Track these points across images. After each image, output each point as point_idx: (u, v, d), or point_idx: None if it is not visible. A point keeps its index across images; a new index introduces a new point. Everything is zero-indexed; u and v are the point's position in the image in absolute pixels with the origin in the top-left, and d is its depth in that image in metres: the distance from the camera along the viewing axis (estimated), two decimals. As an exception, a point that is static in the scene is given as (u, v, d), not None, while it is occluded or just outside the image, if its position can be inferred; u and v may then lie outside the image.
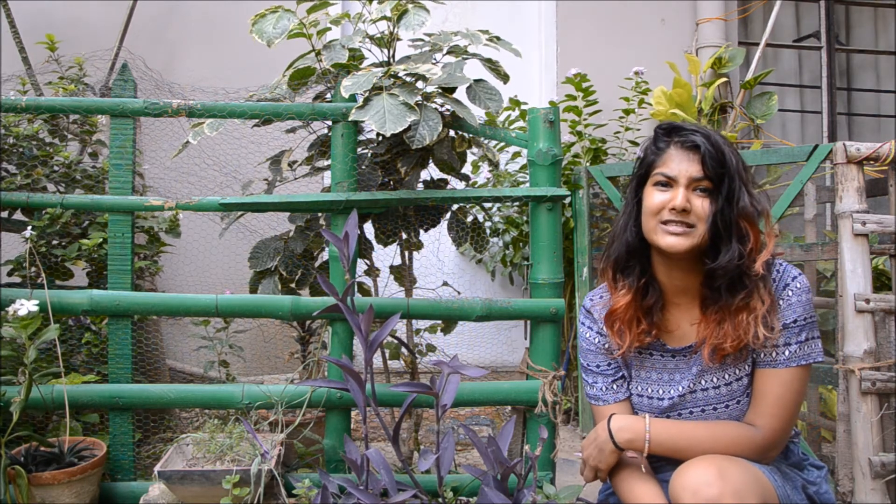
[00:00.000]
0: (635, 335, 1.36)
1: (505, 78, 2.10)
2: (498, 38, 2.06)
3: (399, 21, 1.92)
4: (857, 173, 2.12)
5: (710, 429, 1.30)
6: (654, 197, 1.31)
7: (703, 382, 1.35)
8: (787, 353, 1.30)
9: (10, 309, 1.68)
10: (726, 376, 1.34)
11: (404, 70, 1.86)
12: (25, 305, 1.68)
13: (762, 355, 1.31)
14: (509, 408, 2.09)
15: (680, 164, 1.29)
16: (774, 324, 1.28)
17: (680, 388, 1.37)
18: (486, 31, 2.03)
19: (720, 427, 1.30)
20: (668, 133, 1.33)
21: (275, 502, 1.75)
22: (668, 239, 1.28)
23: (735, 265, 1.26)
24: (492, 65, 2.09)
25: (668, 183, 1.30)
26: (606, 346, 1.44)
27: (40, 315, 1.76)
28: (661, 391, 1.39)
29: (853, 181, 2.11)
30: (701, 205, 1.27)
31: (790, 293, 1.31)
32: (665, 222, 1.29)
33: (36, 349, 1.71)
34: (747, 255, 1.27)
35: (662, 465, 1.38)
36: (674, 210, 1.27)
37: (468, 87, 2.01)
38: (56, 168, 2.41)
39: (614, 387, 1.43)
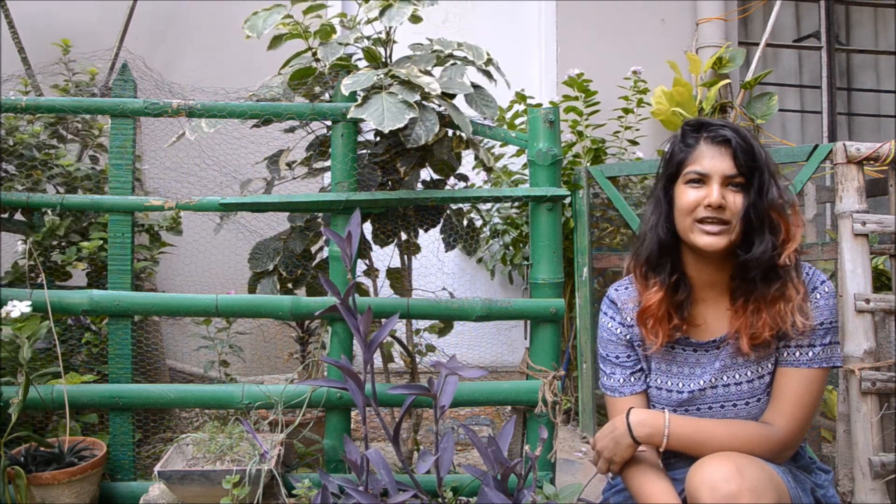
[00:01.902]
0: (666, 331, 1.37)
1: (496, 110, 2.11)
2: (497, 66, 2.08)
3: (383, 14, 1.91)
4: (857, 173, 2.12)
5: (728, 427, 1.30)
6: (688, 195, 1.31)
7: (724, 378, 1.36)
8: (810, 353, 1.31)
9: (3, 311, 1.68)
10: (749, 373, 1.34)
11: (405, 74, 1.86)
12: (18, 307, 1.68)
13: (785, 354, 1.32)
14: (509, 408, 2.09)
15: (712, 160, 1.29)
16: (809, 313, 1.29)
17: (701, 382, 1.37)
18: (488, 53, 2.05)
19: (738, 426, 1.30)
20: (697, 129, 1.34)
21: (275, 502, 1.75)
22: (706, 238, 1.29)
23: (769, 256, 1.27)
24: (487, 77, 2.10)
25: (701, 180, 1.30)
26: (628, 337, 1.44)
27: (39, 316, 1.76)
28: (680, 384, 1.39)
29: (853, 181, 2.11)
30: (734, 200, 1.28)
31: (818, 296, 1.32)
32: (701, 220, 1.29)
33: (32, 349, 1.70)
34: (780, 245, 1.28)
35: (674, 462, 1.38)
36: (709, 207, 1.28)
37: (466, 94, 2.01)
38: (57, 169, 2.41)
39: (632, 379, 1.43)
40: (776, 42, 4.11)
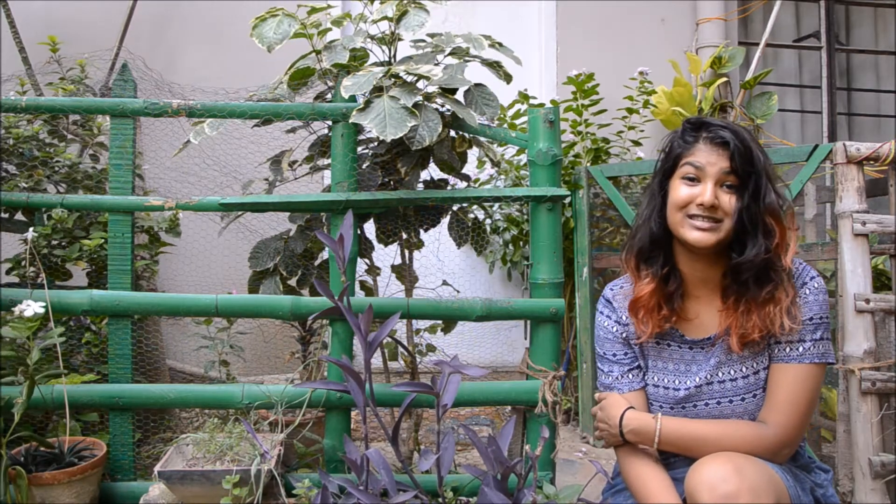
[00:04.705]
0: (656, 321, 1.38)
1: (507, 78, 2.10)
2: (500, 45, 2.06)
3: (399, 21, 1.93)
4: (857, 173, 2.12)
5: (720, 428, 1.31)
6: (680, 190, 1.32)
7: (720, 374, 1.36)
8: (800, 349, 1.31)
9: (16, 309, 1.68)
10: (744, 369, 1.35)
11: (405, 70, 1.86)
12: (32, 307, 1.68)
13: (776, 350, 1.33)
14: (509, 408, 2.09)
15: (708, 158, 1.30)
16: (797, 314, 1.30)
17: (697, 380, 1.37)
18: (488, 37, 2.04)
19: (730, 426, 1.31)
20: (697, 128, 1.34)
21: (275, 502, 1.75)
22: (695, 234, 1.30)
23: (762, 259, 1.28)
24: (494, 65, 2.09)
25: (696, 177, 1.31)
26: (624, 335, 1.45)
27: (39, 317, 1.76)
28: (676, 382, 1.40)
29: (853, 181, 2.11)
30: (728, 200, 1.29)
31: (807, 291, 1.33)
32: (692, 216, 1.30)
33: (39, 350, 1.71)
34: (773, 249, 1.28)
35: (675, 461, 1.39)
36: (701, 205, 1.29)
37: (466, 91, 2.01)
38: (57, 169, 2.41)
39: (630, 376, 1.44)
40: (776, 42, 4.11)
